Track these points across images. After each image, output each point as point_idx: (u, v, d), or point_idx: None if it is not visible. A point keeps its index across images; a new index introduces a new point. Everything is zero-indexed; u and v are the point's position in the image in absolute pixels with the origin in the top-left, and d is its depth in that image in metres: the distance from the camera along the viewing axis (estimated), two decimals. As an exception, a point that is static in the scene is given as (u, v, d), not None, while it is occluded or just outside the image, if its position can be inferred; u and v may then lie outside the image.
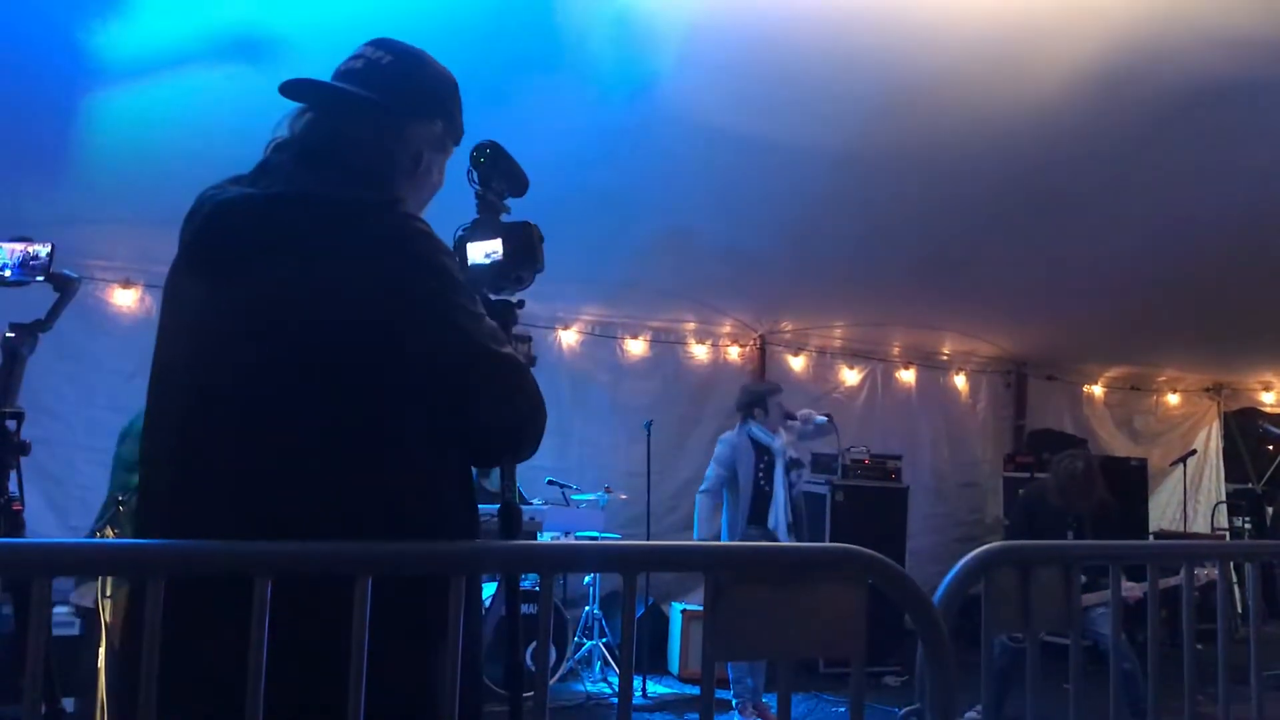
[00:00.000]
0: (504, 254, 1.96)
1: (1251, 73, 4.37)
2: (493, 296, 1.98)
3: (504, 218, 2.03)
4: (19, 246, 3.02)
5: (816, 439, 6.77)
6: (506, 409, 1.67)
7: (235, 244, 1.63)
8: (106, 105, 4.64)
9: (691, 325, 8.73)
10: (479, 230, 2.00)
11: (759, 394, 6.56)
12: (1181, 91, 4.53)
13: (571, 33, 4.26)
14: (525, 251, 1.97)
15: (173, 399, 1.65)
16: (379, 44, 1.83)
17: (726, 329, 8.86)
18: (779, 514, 6.13)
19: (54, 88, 4.52)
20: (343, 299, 1.55)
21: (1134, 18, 4.09)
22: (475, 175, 2.02)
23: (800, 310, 8.69)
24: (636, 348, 8.54)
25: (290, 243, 1.59)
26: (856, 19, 4.14)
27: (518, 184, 2.06)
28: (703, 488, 6.48)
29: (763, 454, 6.27)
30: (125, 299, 6.66)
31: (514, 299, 2.02)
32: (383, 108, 1.76)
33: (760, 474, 6.23)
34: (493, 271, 1.97)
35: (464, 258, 1.98)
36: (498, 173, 2.02)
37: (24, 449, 2.99)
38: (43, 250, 3.00)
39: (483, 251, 1.98)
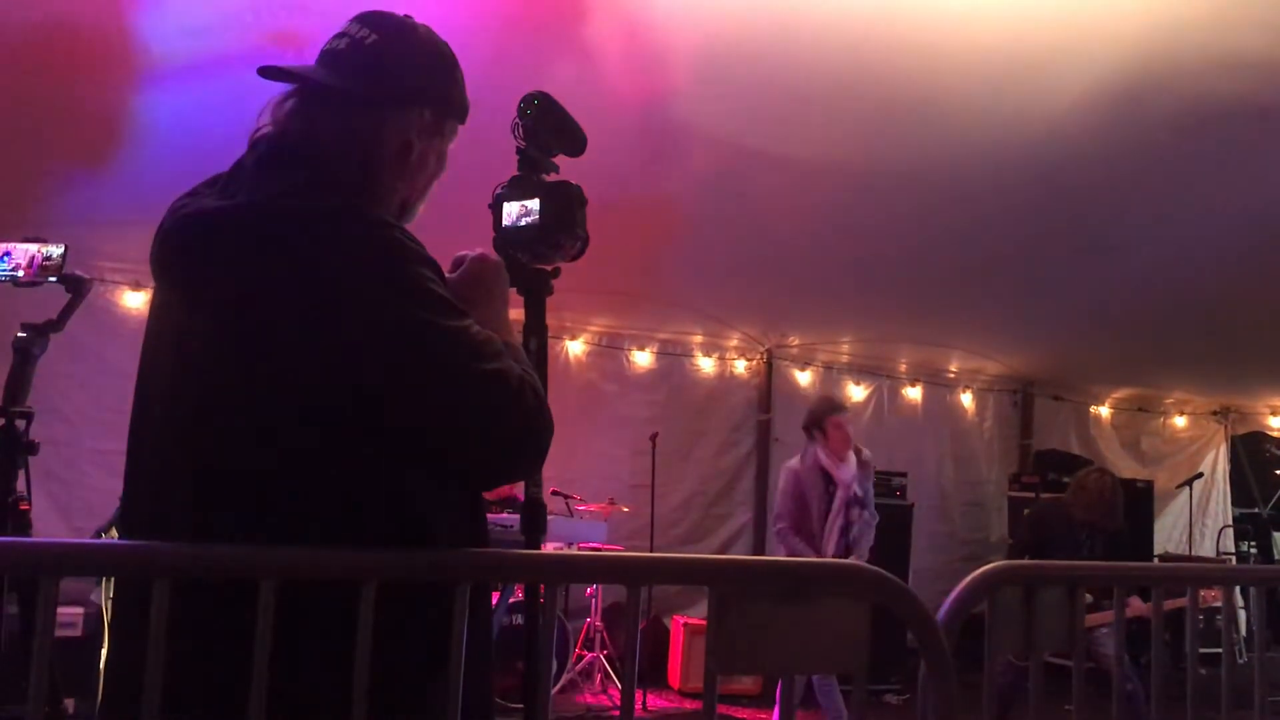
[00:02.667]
0: (540, 216, 1.78)
1: (1260, 95, 4.38)
2: (529, 263, 1.83)
3: (549, 177, 1.85)
4: (33, 247, 3.04)
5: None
6: (492, 431, 1.48)
7: (191, 259, 1.56)
8: (121, 107, 4.66)
9: (698, 338, 8.73)
10: (516, 189, 1.82)
11: (815, 414, 5.85)
12: (1190, 114, 4.54)
13: (585, 46, 4.28)
14: (563, 214, 1.78)
15: (147, 415, 1.62)
16: (365, 19, 1.68)
17: (734, 342, 8.86)
18: (827, 554, 5.51)
19: (69, 89, 4.54)
20: (301, 316, 1.45)
21: (1143, 39, 4.10)
22: (520, 128, 1.84)
23: (808, 325, 8.69)
24: (643, 359, 8.54)
25: (247, 257, 1.49)
26: (867, 38, 4.16)
27: (571, 141, 1.87)
28: (775, 526, 5.81)
29: (829, 483, 5.62)
30: (135, 301, 6.68)
31: (549, 268, 1.85)
32: (360, 99, 1.64)
33: (826, 506, 5.58)
34: (528, 235, 1.79)
35: (499, 217, 1.82)
36: (545, 127, 1.84)
37: (32, 449, 3.00)
38: (56, 251, 3.02)
39: (518, 212, 1.81)
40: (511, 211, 1.82)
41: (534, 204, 1.79)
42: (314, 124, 1.62)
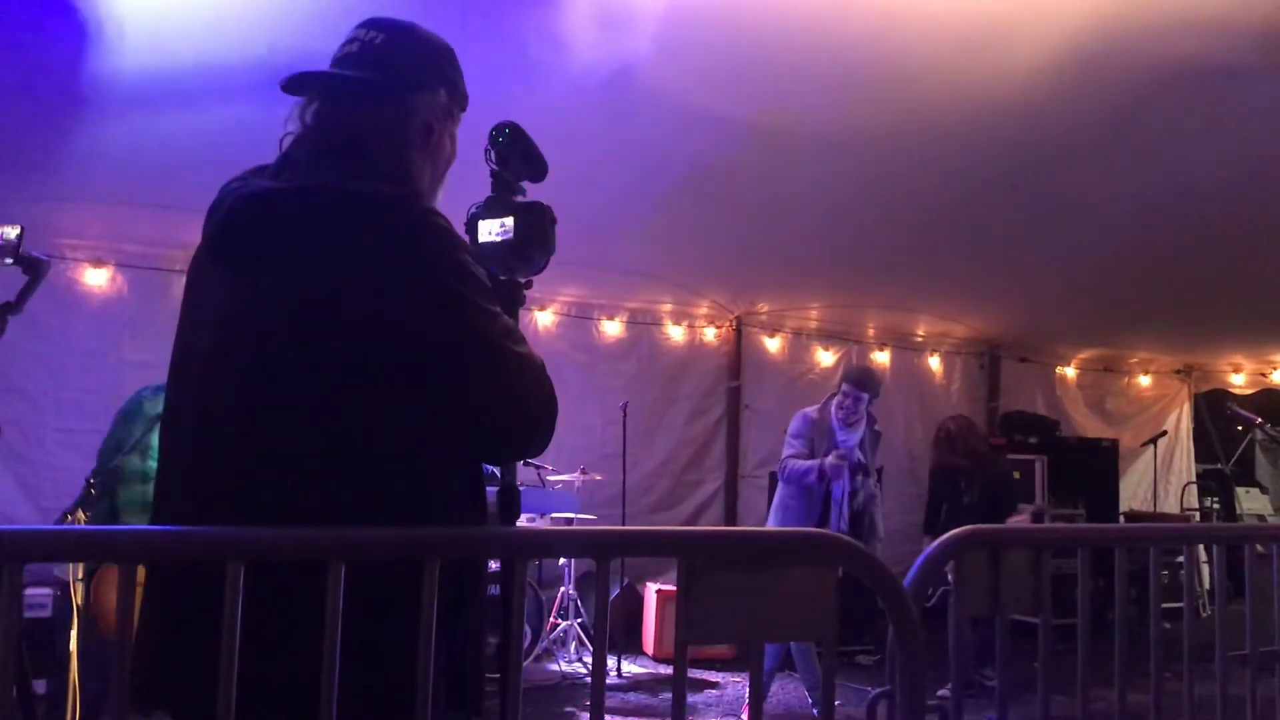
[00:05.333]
0: (515, 233, 1.93)
1: (1221, 55, 4.41)
2: (501, 276, 1.95)
3: (519, 198, 2.00)
4: (-13, 228, 2.99)
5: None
6: (519, 409, 1.67)
7: (257, 237, 1.64)
8: (78, 84, 4.58)
9: (668, 307, 8.73)
10: (491, 208, 1.97)
11: (844, 372, 5.82)
12: (1152, 75, 4.56)
13: (548, 12, 4.24)
14: (536, 232, 1.93)
15: (191, 386, 1.69)
16: (369, 24, 1.83)
17: (703, 310, 8.87)
18: (837, 524, 5.46)
19: (21, 66, 4.46)
20: (361, 294, 1.57)
21: (1104, 1, 4.11)
22: (492, 154, 2.00)
23: (776, 292, 8.71)
24: (613, 329, 8.54)
25: (311, 236, 1.61)
26: (832, 2, 4.14)
27: (536, 168, 2.04)
28: (783, 464, 5.69)
29: (833, 439, 5.60)
30: (97, 278, 6.59)
31: (521, 279, 2.00)
32: (385, 88, 1.78)
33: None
34: (503, 250, 1.94)
35: (475, 235, 1.96)
36: (515, 154, 2.00)
37: (-6, 431, 2.97)
38: (11, 232, 2.97)
39: (493, 229, 1.95)
40: (488, 229, 1.95)
41: (509, 222, 1.93)
42: (349, 117, 1.76)
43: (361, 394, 1.57)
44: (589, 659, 6.80)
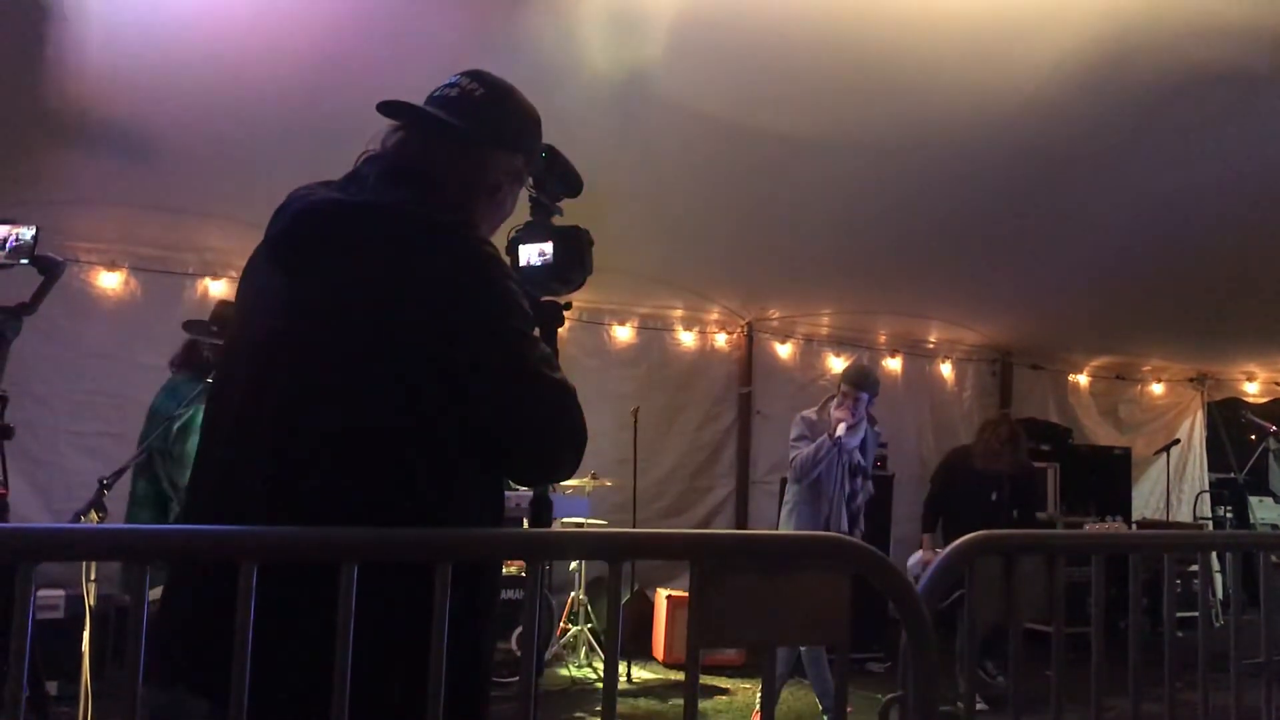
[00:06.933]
0: (554, 257, 2.01)
1: (1235, 61, 4.39)
2: (542, 298, 2.03)
3: (556, 219, 2.09)
4: (3, 229, 3.00)
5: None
6: (550, 435, 1.73)
7: (317, 244, 1.72)
8: (91, 83, 4.60)
9: (679, 312, 8.72)
10: (531, 232, 2.05)
11: (843, 374, 5.76)
12: (1165, 81, 4.55)
13: (561, 21, 4.25)
14: (576, 255, 2.03)
15: (235, 380, 1.75)
16: (473, 75, 1.92)
17: (714, 316, 8.86)
18: (837, 525, 5.44)
19: (38, 64, 4.48)
20: (412, 309, 1.63)
21: (1120, 7, 4.10)
22: (531, 178, 2.06)
23: (788, 298, 8.69)
24: (624, 334, 8.53)
25: (369, 249, 1.68)
26: (844, 7, 4.14)
27: (572, 185, 2.12)
28: (795, 469, 5.62)
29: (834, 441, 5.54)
30: (110, 281, 6.60)
31: (561, 300, 2.08)
32: (471, 137, 1.87)
33: (832, 467, 5.52)
34: (543, 273, 2.03)
35: (516, 258, 2.03)
36: (552, 176, 2.08)
37: (7, 433, 2.98)
38: (27, 233, 2.98)
39: (534, 253, 2.03)
40: (528, 255, 2.05)
41: (548, 247, 2.04)
42: (429, 152, 1.85)
43: (395, 406, 1.62)
44: (599, 664, 6.79)
